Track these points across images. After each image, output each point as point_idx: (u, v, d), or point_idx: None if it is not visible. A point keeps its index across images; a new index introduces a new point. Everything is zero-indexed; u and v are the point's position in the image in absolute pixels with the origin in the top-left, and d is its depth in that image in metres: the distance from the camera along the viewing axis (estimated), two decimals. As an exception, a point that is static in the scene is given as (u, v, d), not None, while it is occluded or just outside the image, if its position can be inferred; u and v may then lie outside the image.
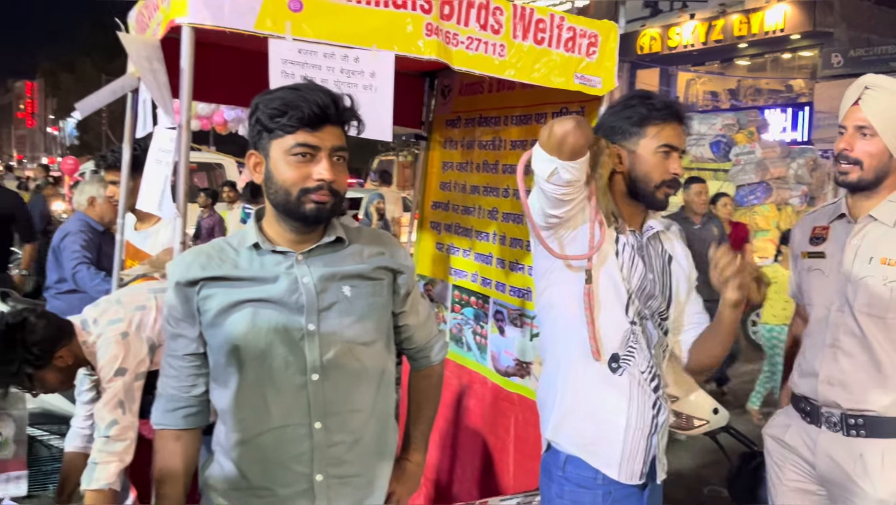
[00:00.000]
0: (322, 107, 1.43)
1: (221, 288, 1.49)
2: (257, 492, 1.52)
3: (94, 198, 3.67)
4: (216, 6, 1.80)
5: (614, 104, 1.90)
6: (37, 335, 2.12)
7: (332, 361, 1.50)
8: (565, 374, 1.81)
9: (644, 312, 1.81)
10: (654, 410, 1.81)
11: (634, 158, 1.78)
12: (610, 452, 1.76)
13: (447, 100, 3.31)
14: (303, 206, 1.45)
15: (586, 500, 1.76)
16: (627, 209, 1.84)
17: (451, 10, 2.08)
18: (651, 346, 1.81)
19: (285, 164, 1.45)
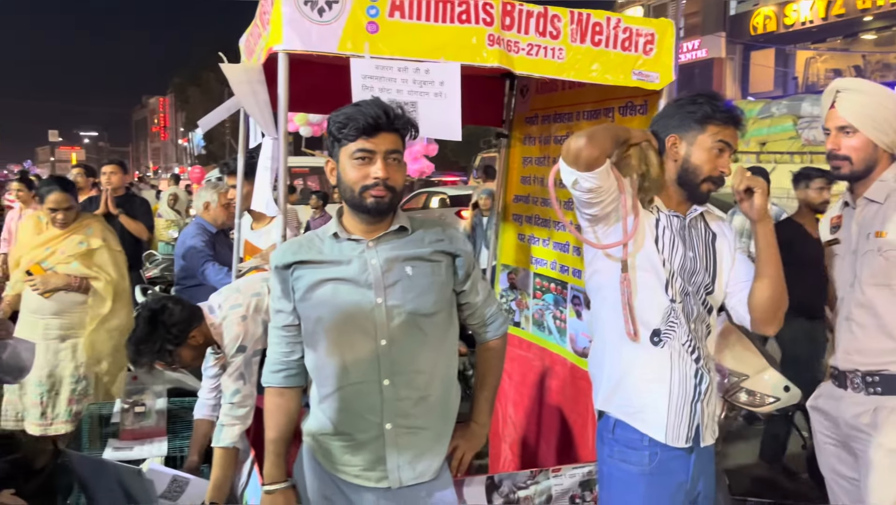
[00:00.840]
0: (375, 118, 1.73)
1: (309, 269, 1.81)
2: (340, 437, 1.83)
3: (208, 203, 4.15)
4: (305, 34, 2.11)
5: (680, 99, 2.06)
6: (174, 318, 2.50)
7: (397, 328, 1.78)
8: (612, 350, 2.00)
9: (688, 288, 1.97)
10: (696, 379, 1.97)
11: (690, 150, 1.96)
12: (656, 418, 1.94)
13: (525, 99, 3.52)
14: (364, 201, 1.76)
15: (633, 459, 1.95)
16: (675, 194, 2.01)
17: (512, 21, 2.30)
18: (691, 320, 1.97)
19: (349, 166, 1.76)
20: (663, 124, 2.00)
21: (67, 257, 3.71)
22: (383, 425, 1.81)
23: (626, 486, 1.97)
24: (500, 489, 2.53)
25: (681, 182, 1.99)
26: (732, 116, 1.96)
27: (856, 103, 2.16)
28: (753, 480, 4.14)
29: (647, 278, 1.95)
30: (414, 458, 1.84)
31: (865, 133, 2.15)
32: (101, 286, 3.78)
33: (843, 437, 2.28)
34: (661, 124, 2.01)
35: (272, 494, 1.92)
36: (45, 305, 3.66)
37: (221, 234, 4.18)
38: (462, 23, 2.25)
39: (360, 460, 1.83)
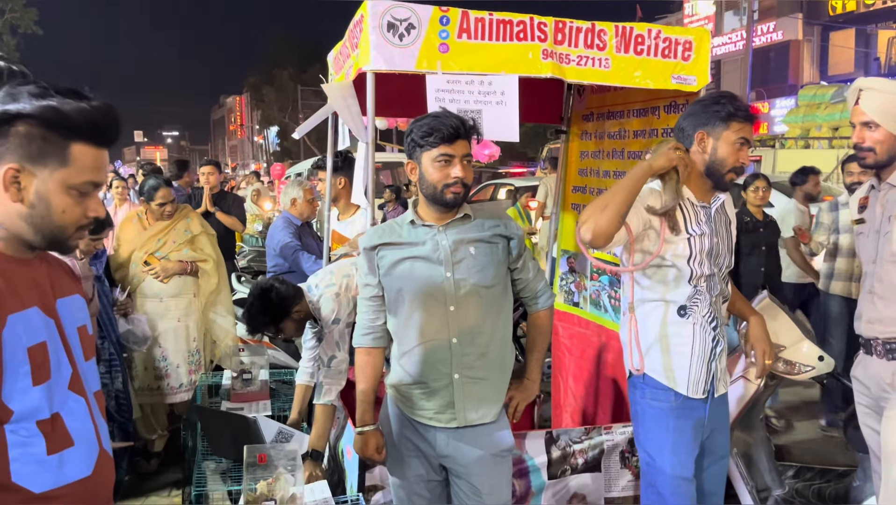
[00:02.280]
0: (455, 128, 2.12)
1: (391, 250, 2.23)
2: (417, 385, 2.24)
3: (295, 198, 4.55)
4: (388, 56, 2.54)
5: (704, 99, 2.39)
6: (281, 295, 2.93)
7: (463, 297, 2.19)
8: (644, 322, 2.35)
9: (713, 269, 2.31)
10: (713, 343, 2.34)
11: (717, 145, 2.28)
12: (681, 376, 2.32)
13: (582, 98, 3.87)
14: (445, 196, 2.16)
15: (661, 397, 2.34)
16: (702, 185, 2.33)
17: (563, 36, 2.67)
18: (713, 295, 2.34)
19: (432, 168, 2.15)
20: (691, 122, 2.32)
21: (178, 245, 4.23)
22: (452, 375, 2.21)
23: (657, 419, 2.35)
24: (557, 442, 2.92)
25: (708, 173, 2.31)
26: (750, 115, 2.29)
27: (877, 101, 2.42)
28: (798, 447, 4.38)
29: (678, 268, 2.29)
30: (477, 402, 2.23)
31: (886, 127, 2.41)
32: (209, 267, 4.32)
33: (874, 399, 2.55)
34: (689, 121, 2.33)
35: (364, 434, 2.35)
36: (165, 289, 4.19)
37: (306, 226, 4.62)
38: (520, 40, 2.63)
39: (433, 405, 2.24)
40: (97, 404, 1.47)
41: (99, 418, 1.46)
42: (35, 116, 1.25)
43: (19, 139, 1.26)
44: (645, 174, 2.19)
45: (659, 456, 2.36)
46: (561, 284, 4.08)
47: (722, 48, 30.06)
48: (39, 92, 1.25)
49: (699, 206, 2.33)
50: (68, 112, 1.27)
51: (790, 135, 15.74)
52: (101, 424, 1.47)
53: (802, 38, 28.21)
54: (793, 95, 22.72)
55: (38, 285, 1.35)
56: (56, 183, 1.29)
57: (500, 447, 2.27)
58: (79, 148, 1.31)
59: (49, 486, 1.31)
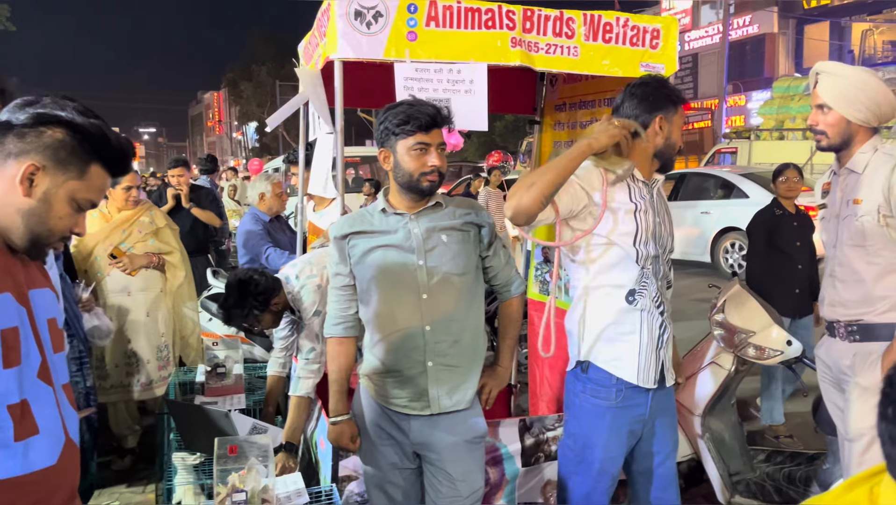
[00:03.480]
0: (432, 116, 2.12)
1: (362, 239, 2.22)
2: (390, 374, 2.24)
3: (263, 193, 4.49)
4: (356, 44, 2.53)
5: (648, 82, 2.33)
6: (260, 287, 2.90)
7: (435, 285, 2.18)
8: (592, 309, 2.29)
9: (657, 250, 2.29)
10: (661, 330, 2.30)
11: (671, 129, 2.29)
12: (630, 364, 2.27)
13: (554, 88, 3.87)
14: (421, 184, 2.15)
15: (602, 395, 2.29)
16: (649, 165, 2.31)
17: (532, 24, 2.67)
18: (658, 278, 2.30)
19: (409, 156, 2.14)
20: (648, 106, 2.27)
21: (144, 235, 4.15)
22: (426, 363, 2.21)
23: (594, 416, 2.30)
24: (531, 430, 2.93)
25: (659, 154, 2.31)
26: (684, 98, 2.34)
27: (831, 84, 2.45)
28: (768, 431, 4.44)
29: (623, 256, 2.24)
30: (451, 389, 2.23)
31: (839, 111, 2.43)
32: (176, 259, 4.27)
33: (835, 378, 2.59)
34: (645, 106, 2.27)
35: (338, 424, 2.35)
36: (132, 282, 4.11)
37: (275, 221, 4.57)
38: (488, 28, 2.63)
39: (406, 393, 2.23)
40: (65, 396, 1.48)
41: (67, 409, 1.47)
42: (79, 128, 1.38)
43: (52, 141, 1.37)
44: (583, 154, 2.11)
45: (590, 451, 2.32)
46: (536, 274, 4.09)
47: (699, 41, 30.32)
48: (84, 110, 1.40)
49: (642, 182, 2.30)
50: (108, 134, 1.42)
51: (765, 126, 15.91)
52: (69, 415, 1.47)
53: (778, 32, 28.54)
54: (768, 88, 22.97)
55: (11, 274, 1.39)
56: (65, 191, 1.39)
57: (473, 434, 2.28)
58: (97, 169, 1.42)
59: (14, 472, 1.33)
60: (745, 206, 9.77)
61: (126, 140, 1.47)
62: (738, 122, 27.00)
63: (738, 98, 27.99)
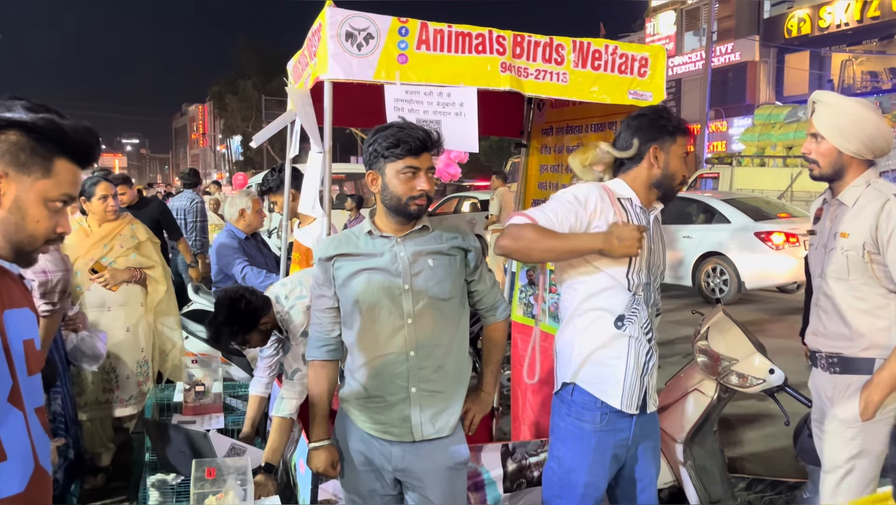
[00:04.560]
0: (422, 140, 2.11)
1: (347, 261, 2.20)
2: (372, 399, 2.21)
3: (243, 210, 4.42)
4: (346, 65, 2.52)
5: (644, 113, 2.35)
6: (250, 306, 2.82)
7: (421, 310, 2.16)
8: (580, 332, 2.30)
9: (649, 278, 2.30)
10: (647, 357, 2.31)
11: (668, 160, 2.29)
12: (615, 388, 2.26)
13: (542, 112, 3.90)
14: (409, 208, 2.13)
15: (587, 417, 2.28)
16: (647, 194, 2.32)
17: (522, 50, 2.69)
18: (649, 305, 2.31)
19: (397, 180, 2.12)
20: (642, 137, 2.29)
21: (126, 250, 4.08)
22: (409, 389, 2.18)
23: (578, 439, 2.30)
24: (513, 455, 2.91)
25: (659, 185, 2.31)
26: (686, 128, 2.33)
27: (826, 115, 2.46)
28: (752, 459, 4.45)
29: (615, 275, 2.25)
30: (433, 415, 2.21)
31: (831, 141, 2.44)
32: (157, 273, 4.20)
33: (818, 406, 2.60)
34: (639, 136, 2.29)
35: (318, 449, 2.32)
36: (112, 297, 4.04)
37: (251, 238, 4.50)
38: (478, 53, 2.64)
39: (388, 418, 2.20)
40: (38, 420, 1.43)
41: (38, 435, 1.42)
42: (31, 127, 1.31)
43: (9, 146, 1.31)
44: (591, 250, 2.17)
45: (574, 474, 2.31)
46: (520, 297, 4.09)
47: (682, 67, 30.73)
48: (32, 107, 1.33)
49: (640, 208, 2.31)
50: (64, 127, 1.34)
51: (747, 153, 16.13)
52: (41, 441, 1.42)
53: (759, 60, 29.02)
54: (750, 115, 23.33)
55: None
56: (36, 193, 1.33)
57: (455, 460, 2.25)
58: (62, 163, 1.35)
59: None
60: (727, 231, 9.87)
61: (85, 127, 1.39)
62: (719, 147, 27.35)
63: (720, 124, 28.36)
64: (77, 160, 1.39)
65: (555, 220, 2.20)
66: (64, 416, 3.40)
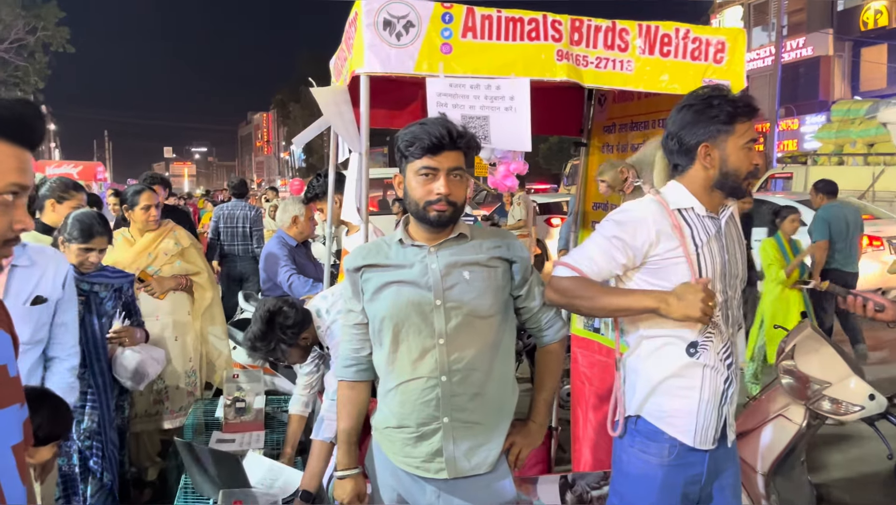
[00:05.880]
0: (439, 137, 1.85)
1: (376, 273, 1.96)
2: (402, 429, 1.96)
3: (296, 217, 4.30)
4: (384, 57, 2.29)
5: (692, 104, 1.98)
6: (290, 320, 2.67)
7: (454, 329, 1.90)
8: (647, 358, 2.01)
9: (726, 294, 1.98)
10: (726, 384, 1.99)
11: (725, 156, 1.94)
12: (687, 423, 1.96)
13: (603, 108, 3.59)
14: (428, 214, 1.88)
15: (653, 450, 1.99)
16: (710, 197, 1.99)
17: (581, 36, 2.40)
18: (729, 325, 1.99)
19: (415, 182, 1.89)
20: (687, 133, 1.96)
21: (171, 258, 3.98)
22: (441, 419, 1.92)
23: (643, 475, 2.01)
24: (573, 488, 2.62)
25: (720, 186, 1.98)
26: (752, 107, 1.94)
27: None
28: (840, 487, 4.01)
29: None
30: (469, 450, 1.94)
31: None
32: (203, 279, 4.09)
33: None
34: (685, 133, 1.97)
35: (343, 480, 2.09)
36: (160, 306, 3.95)
37: (301, 247, 4.36)
38: (531, 40, 2.36)
39: (419, 452, 1.95)
40: (13, 459, 1.23)
41: (8, 477, 1.22)
42: None
43: None
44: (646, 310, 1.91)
45: None
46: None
47: (750, 63, 29.59)
48: None
49: (706, 216, 1.99)
50: None
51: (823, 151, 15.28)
52: (10, 484, 1.22)
53: (833, 54, 27.71)
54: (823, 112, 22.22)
55: None
56: None
57: (499, 500, 1.98)
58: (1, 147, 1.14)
59: None
60: (801, 233, 9.26)
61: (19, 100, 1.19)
62: (790, 146, 26.20)
63: (791, 122, 27.15)
64: (17, 140, 1.16)
65: (603, 265, 1.95)
66: (101, 436, 3.17)
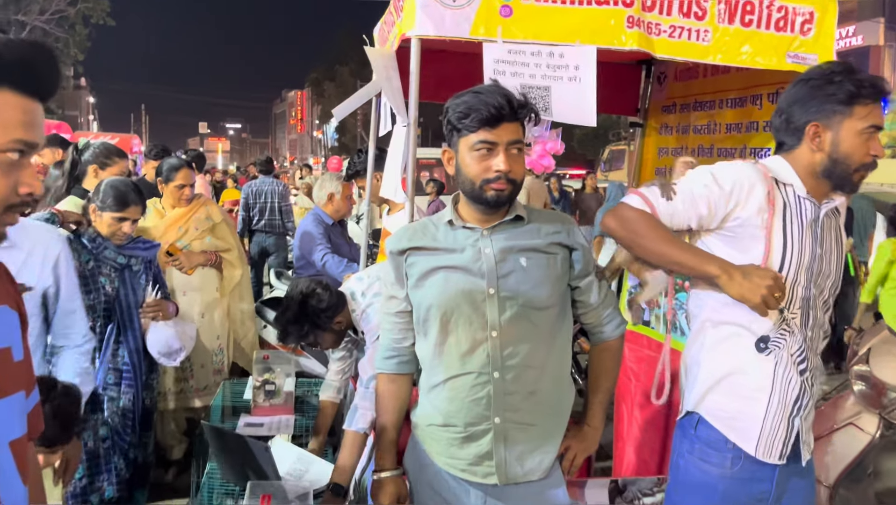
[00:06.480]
0: (498, 108, 1.65)
1: (422, 256, 1.78)
2: (447, 428, 1.78)
3: (332, 194, 4.17)
4: (438, 18, 2.09)
5: (811, 77, 1.78)
6: (323, 303, 2.54)
7: (508, 320, 1.71)
8: (711, 349, 1.81)
9: (810, 291, 1.76)
10: (799, 392, 1.77)
11: (837, 139, 1.72)
12: (750, 428, 1.76)
13: (662, 86, 3.35)
14: (485, 194, 1.69)
15: (714, 459, 1.79)
16: (817, 185, 1.78)
17: (654, 1, 2.17)
18: (808, 328, 1.77)
19: (470, 158, 1.69)
20: (798, 109, 1.75)
21: (201, 232, 3.86)
22: (492, 419, 1.74)
23: (701, 485, 1.82)
24: (624, 494, 2.43)
25: (827, 174, 1.76)
26: (879, 89, 1.71)
27: None
28: None
29: None
30: (522, 454, 1.76)
31: None
32: (234, 256, 3.97)
33: None
34: (796, 110, 1.76)
35: (381, 481, 1.92)
36: (188, 282, 3.83)
37: (337, 225, 4.24)
38: (599, 4, 2.15)
39: (466, 454, 1.78)
40: (11, 456, 1.08)
41: (6, 476, 1.07)
42: None
43: None
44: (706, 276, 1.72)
45: None
46: (628, 299, 3.57)
47: (797, 52, 28.80)
48: None
49: (807, 199, 1.77)
50: None
51: (875, 143, 14.73)
52: (8, 485, 1.07)
53: (884, 44, 26.79)
54: (874, 103, 21.43)
55: None
56: None
57: None
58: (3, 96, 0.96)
59: None
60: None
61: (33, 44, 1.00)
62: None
63: (838, 113, 26.41)
64: (23, 89, 0.98)
65: (681, 211, 1.75)
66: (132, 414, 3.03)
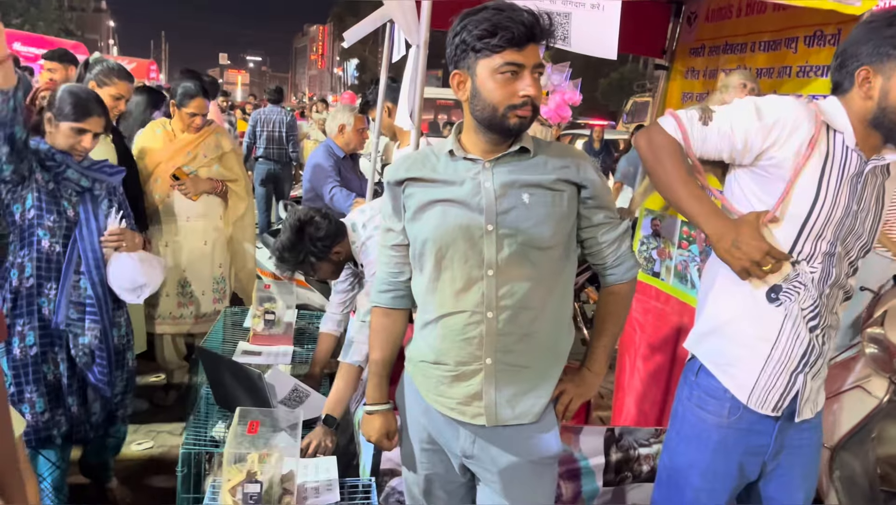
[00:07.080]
0: (528, 26, 1.52)
1: (420, 188, 1.68)
2: (438, 366, 1.72)
3: (343, 125, 4.06)
4: (456, -67, 1.95)
5: (873, 20, 1.66)
6: (321, 231, 2.49)
7: (505, 259, 1.62)
8: (720, 290, 1.76)
9: (836, 248, 1.67)
10: (807, 348, 1.70)
11: (888, 87, 1.59)
12: (745, 377, 1.72)
13: (692, 27, 3.19)
14: (508, 121, 1.57)
15: (711, 407, 1.77)
16: (866, 136, 1.66)
17: (690, -75, 2.02)
18: (826, 284, 1.68)
19: (493, 82, 1.55)
20: (853, 50, 1.64)
21: (210, 160, 3.79)
22: (483, 359, 1.67)
23: (697, 433, 1.80)
24: (619, 443, 2.38)
25: (876, 124, 1.64)
26: None
27: None
28: None
29: (780, 236, 1.67)
30: (513, 396, 1.70)
31: None
32: (240, 188, 3.90)
33: None
34: (850, 50, 1.64)
35: (371, 414, 1.88)
36: (192, 207, 3.78)
37: (348, 159, 4.15)
38: (631, -74, 1.99)
39: (456, 393, 1.72)
40: None
41: None
42: None
43: None
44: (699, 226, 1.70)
45: (684, 475, 1.83)
46: (640, 250, 3.48)
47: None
48: None
49: (855, 150, 1.66)
50: None
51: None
52: None
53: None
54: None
55: None
56: None
57: (541, 454, 1.74)
58: None
59: None
60: None
61: None
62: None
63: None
64: None
65: (714, 138, 1.69)
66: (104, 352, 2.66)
